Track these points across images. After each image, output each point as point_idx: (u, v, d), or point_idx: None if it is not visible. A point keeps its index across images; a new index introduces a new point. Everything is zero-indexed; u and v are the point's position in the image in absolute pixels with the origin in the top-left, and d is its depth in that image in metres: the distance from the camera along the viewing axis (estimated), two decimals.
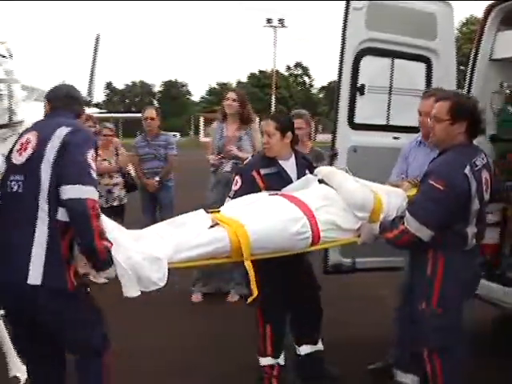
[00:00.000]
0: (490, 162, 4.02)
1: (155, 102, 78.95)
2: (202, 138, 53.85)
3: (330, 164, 5.32)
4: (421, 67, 5.44)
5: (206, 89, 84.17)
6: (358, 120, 5.23)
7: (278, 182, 4.37)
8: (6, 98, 6.42)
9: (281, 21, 65.13)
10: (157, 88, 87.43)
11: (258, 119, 6.82)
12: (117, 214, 7.05)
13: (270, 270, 4.15)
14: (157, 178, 7.79)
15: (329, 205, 4.11)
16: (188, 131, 66.49)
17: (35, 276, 3.22)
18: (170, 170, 7.94)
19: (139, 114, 8.90)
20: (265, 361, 4.60)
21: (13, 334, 3.72)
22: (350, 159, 5.25)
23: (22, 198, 3.31)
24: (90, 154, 3.34)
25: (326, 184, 4.27)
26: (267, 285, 4.10)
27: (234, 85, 78.49)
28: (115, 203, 7.94)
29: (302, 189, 4.30)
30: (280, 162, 4.49)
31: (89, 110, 17.06)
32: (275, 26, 65.05)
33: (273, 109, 59.74)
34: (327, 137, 32.00)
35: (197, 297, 6.96)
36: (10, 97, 6.50)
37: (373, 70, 5.23)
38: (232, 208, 4.13)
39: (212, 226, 3.80)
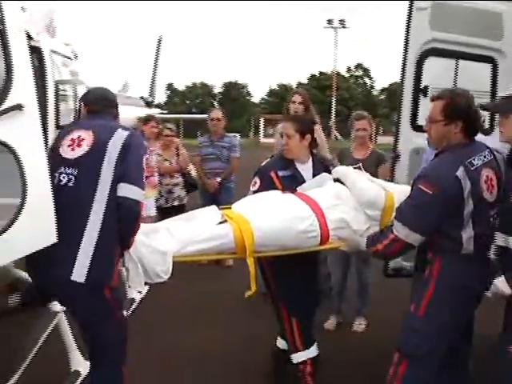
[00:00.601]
0: (500, 158, 3.89)
1: (215, 103, 79.69)
2: (262, 139, 53.88)
3: (392, 166, 5.28)
4: (486, 68, 5.32)
5: (266, 90, 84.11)
6: (420, 122, 5.14)
7: (293, 184, 4.37)
8: (71, 99, 6.56)
9: (342, 21, 64.73)
10: (217, 89, 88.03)
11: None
12: (177, 213, 7.12)
13: (289, 263, 4.15)
14: (218, 179, 7.88)
15: (340, 204, 4.11)
16: (248, 132, 66.67)
17: (81, 271, 3.32)
18: (231, 171, 8.04)
19: (200, 115, 9.01)
20: (296, 357, 4.57)
21: None
22: (412, 161, 5.19)
23: (74, 192, 3.42)
24: (145, 158, 3.61)
25: (341, 183, 4.28)
26: (286, 278, 4.23)
27: (294, 86, 78.20)
28: (175, 203, 8.06)
29: (316, 187, 4.30)
30: (297, 164, 4.50)
31: (150, 111, 17.31)
32: (336, 27, 64.71)
33: (333, 110, 59.55)
34: (388, 139, 31.70)
35: None
36: (75, 97, 6.65)
37: (436, 71, 5.15)
38: (243, 205, 4.19)
39: (221, 222, 3.86)
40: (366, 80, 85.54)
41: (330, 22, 64.90)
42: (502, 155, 3.95)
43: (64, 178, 3.44)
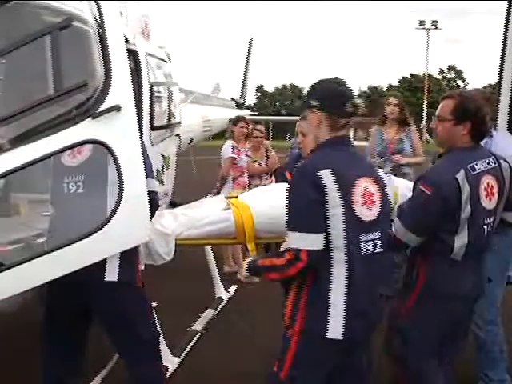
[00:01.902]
0: (505, 166, 3.77)
1: None
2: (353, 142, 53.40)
3: None
4: None
5: (356, 92, 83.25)
6: None
7: None
8: (165, 101, 6.71)
9: (434, 23, 63.37)
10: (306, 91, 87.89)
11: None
12: None
13: None
14: None
15: None
16: None
17: (113, 271, 3.43)
18: None
19: (289, 117, 9.03)
20: None
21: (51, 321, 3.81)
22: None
23: None
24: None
25: None
26: None
27: (385, 89, 77.09)
28: None
29: None
30: None
31: (241, 113, 17.47)
32: (428, 28, 63.41)
33: (424, 113, 58.23)
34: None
35: None
36: (168, 99, 6.79)
37: None
38: (249, 194, 4.24)
39: (225, 209, 3.90)
40: (459, 82, 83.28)
41: (421, 23, 63.72)
42: (508, 164, 3.82)
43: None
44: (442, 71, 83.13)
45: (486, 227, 3.66)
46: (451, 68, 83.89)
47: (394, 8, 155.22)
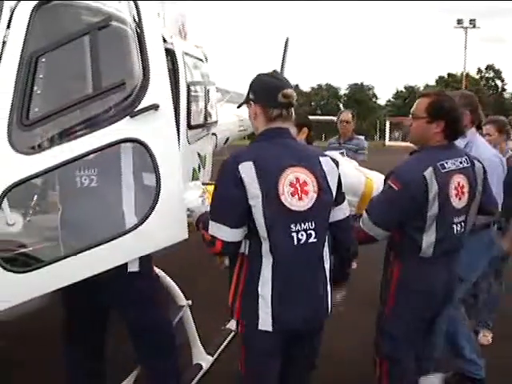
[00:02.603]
0: (478, 167, 3.82)
1: (341, 106, 79.11)
2: (388, 142, 52.95)
3: None
4: None
5: (392, 92, 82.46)
6: None
7: None
8: (202, 100, 6.72)
9: (472, 21, 62.44)
10: (343, 91, 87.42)
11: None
12: None
13: None
14: None
15: None
16: (373, 135, 65.78)
17: (134, 261, 3.48)
18: None
19: (324, 117, 9.02)
20: None
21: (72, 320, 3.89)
22: None
23: None
24: None
25: None
26: None
27: (422, 88, 76.25)
28: None
29: None
30: None
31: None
32: (466, 27, 62.52)
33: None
34: None
35: None
36: (205, 98, 6.80)
37: None
38: None
39: (201, 196, 3.80)
40: (497, 82, 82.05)
41: (459, 21, 62.84)
42: (481, 164, 3.85)
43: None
44: (480, 71, 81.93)
45: (455, 226, 3.71)
46: (489, 67, 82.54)
47: (432, 7, 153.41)
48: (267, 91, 3.20)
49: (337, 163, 3.30)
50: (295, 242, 3.06)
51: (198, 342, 4.84)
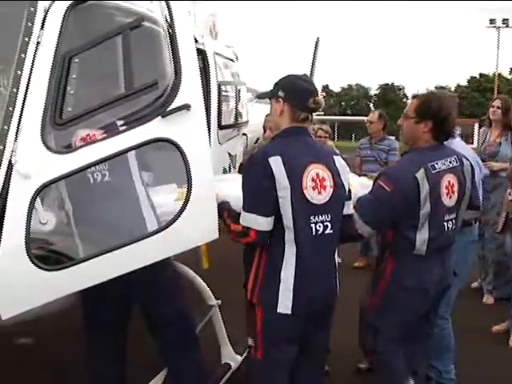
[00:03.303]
0: (467, 165, 3.94)
1: (371, 106, 78.72)
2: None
3: None
4: None
5: (423, 93, 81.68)
6: None
7: None
8: (232, 100, 6.74)
9: (505, 21, 61.59)
10: (373, 91, 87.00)
11: (477, 125, 7.04)
12: None
13: None
14: None
15: None
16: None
17: None
18: None
19: (354, 117, 9.03)
20: None
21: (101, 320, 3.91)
22: None
23: None
24: None
25: None
26: None
27: (453, 89, 75.50)
28: None
29: None
30: None
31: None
32: (499, 27, 61.70)
33: None
34: None
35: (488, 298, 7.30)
36: (236, 98, 6.82)
37: None
38: None
39: (176, 200, 3.81)
40: None
41: (492, 21, 62.06)
42: (469, 162, 4.00)
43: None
44: None
45: (446, 223, 3.84)
46: None
47: (463, 6, 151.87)
48: (299, 94, 3.42)
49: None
50: (313, 233, 3.34)
51: (227, 342, 4.84)
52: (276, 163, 3.24)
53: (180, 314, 3.93)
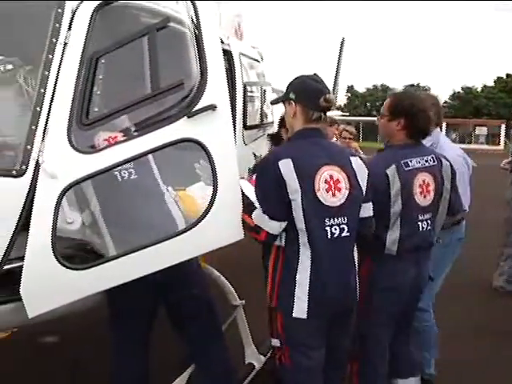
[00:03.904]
0: (446, 165, 3.93)
1: None
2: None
3: None
4: None
5: (449, 93, 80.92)
6: None
7: None
8: (258, 100, 6.74)
9: None
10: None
11: (503, 126, 7.01)
12: None
13: None
14: None
15: None
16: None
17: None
18: None
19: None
20: None
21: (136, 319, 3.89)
22: None
23: None
24: None
25: None
26: None
27: (479, 89, 74.72)
28: None
29: None
30: None
31: (332, 113, 17.40)
32: None
33: None
34: None
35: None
36: (261, 99, 6.82)
37: None
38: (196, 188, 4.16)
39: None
40: None
41: None
42: (449, 163, 3.99)
43: None
44: None
45: (420, 223, 3.81)
46: None
47: (489, 5, 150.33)
48: (310, 94, 3.43)
49: None
50: (329, 236, 3.31)
51: (251, 342, 4.84)
52: (286, 166, 3.23)
53: (208, 307, 3.94)
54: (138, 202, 3.41)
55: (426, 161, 3.83)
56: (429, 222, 3.85)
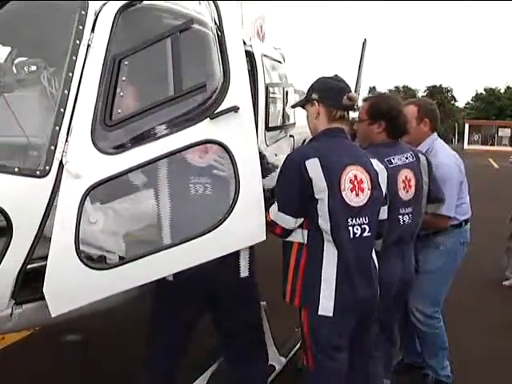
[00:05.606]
0: (423, 161, 4.07)
1: None
2: (466, 146, 51.66)
3: None
4: None
5: (472, 94, 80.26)
6: None
7: None
8: (280, 101, 6.73)
9: None
10: (420, 93, 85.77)
11: None
12: None
13: None
14: None
15: None
16: (451, 138, 64.30)
17: (244, 267, 3.60)
18: None
19: None
20: None
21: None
22: None
23: None
24: None
25: None
26: None
27: (503, 91, 74.01)
28: None
29: None
30: None
31: (354, 114, 17.32)
32: None
33: None
34: None
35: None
36: (283, 100, 6.81)
37: None
38: None
39: None
40: None
41: None
42: (426, 158, 4.15)
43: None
44: None
45: (402, 217, 3.92)
46: None
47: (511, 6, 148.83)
48: (333, 93, 3.47)
49: None
50: (351, 235, 3.36)
51: (272, 343, 4.83)
52: (313, 165, 3.27)
53: (252, 323, 3.88)
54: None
55: (406, 158, 3.97)
56: (410, 215, 3.95)
